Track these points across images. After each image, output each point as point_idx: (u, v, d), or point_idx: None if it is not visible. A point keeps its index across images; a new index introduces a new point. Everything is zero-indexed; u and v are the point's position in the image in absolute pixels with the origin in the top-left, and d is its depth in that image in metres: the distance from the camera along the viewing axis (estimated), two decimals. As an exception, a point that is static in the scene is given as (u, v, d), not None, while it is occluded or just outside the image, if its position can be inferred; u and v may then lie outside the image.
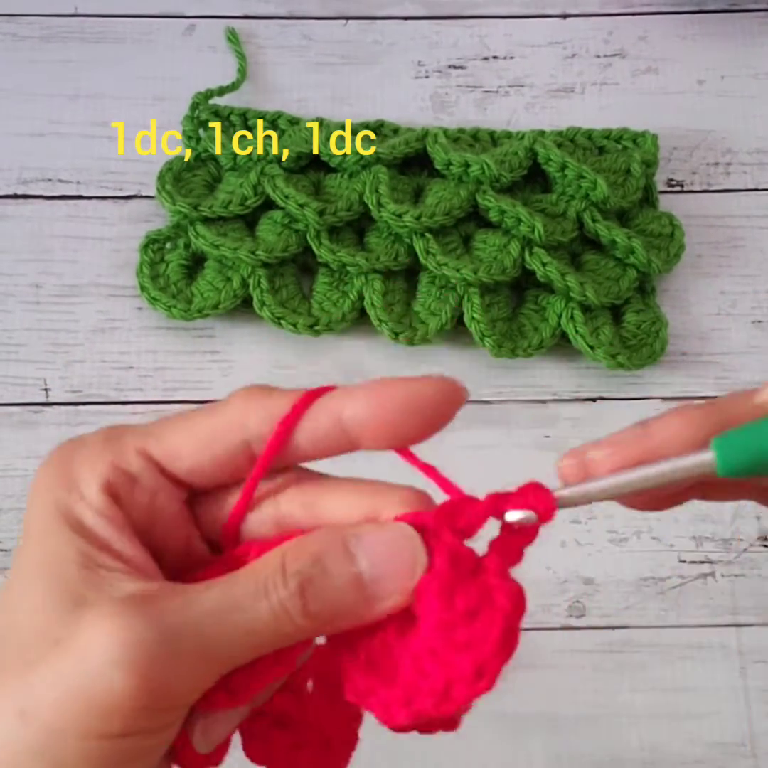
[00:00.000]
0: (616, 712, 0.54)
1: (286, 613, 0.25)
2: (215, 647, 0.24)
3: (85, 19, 0.70)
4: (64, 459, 0.27)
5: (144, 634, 0.24)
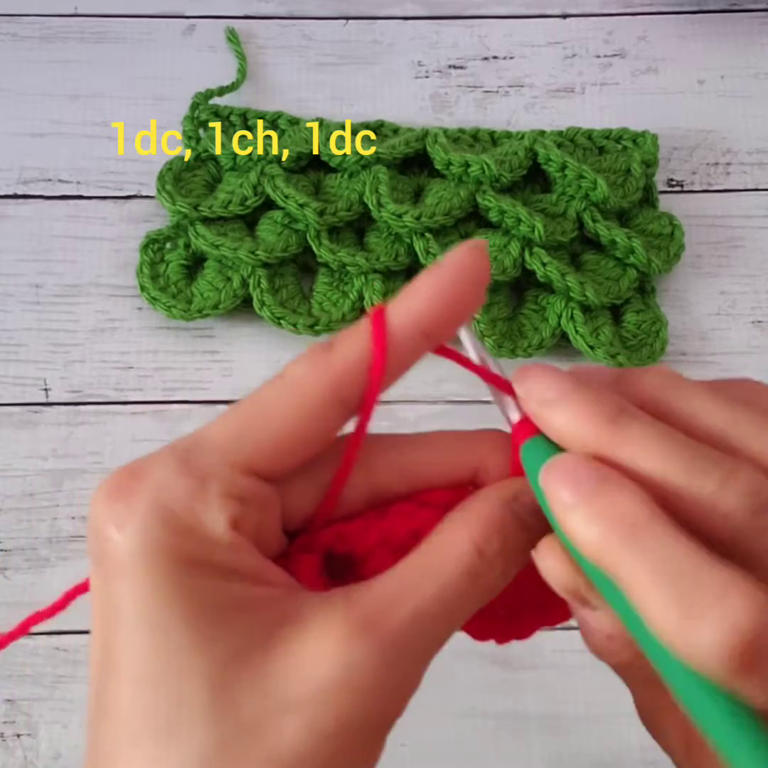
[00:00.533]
0: (616, 712, 0.54)
1: (491, 593, 0.26)
2: (435, 642, 0.25)
3: (85, 19, 0.71)
4: (155, 491, 0.24)
5: (383, 666, 0.23)
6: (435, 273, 0.26)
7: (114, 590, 0.23)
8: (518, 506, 0.26)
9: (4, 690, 0.54)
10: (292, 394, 0.25)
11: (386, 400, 0.65)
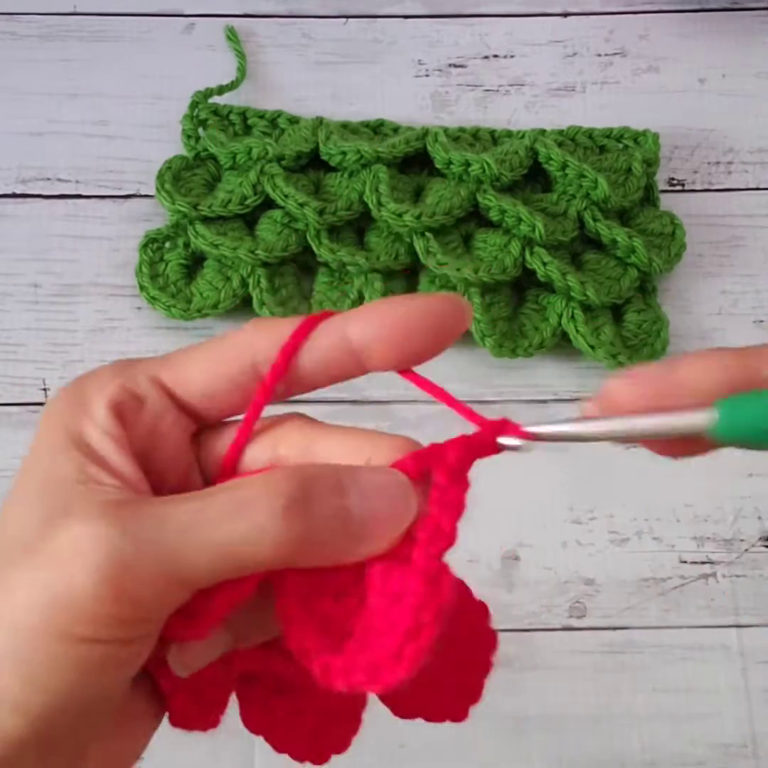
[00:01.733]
0: (616, 713, 0.54)
1: (263, 535, 0.24)
2: (185, 562, 0.24)
3: (84, 18, 0.70)
4: (76, 384, 0.28)
5: (116, 540, 0.23)
6: (398, 304, 0.27)
7: (31, 449, 0.28)
8: (348, 477, 0.25)
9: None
10: (225, 343, 0.28)
11: (386, 400, 0.65)
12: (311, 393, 0.30)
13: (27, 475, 0.27)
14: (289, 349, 0.27)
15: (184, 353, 0.28)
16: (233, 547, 0.24)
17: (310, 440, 0.28)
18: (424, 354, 0.27)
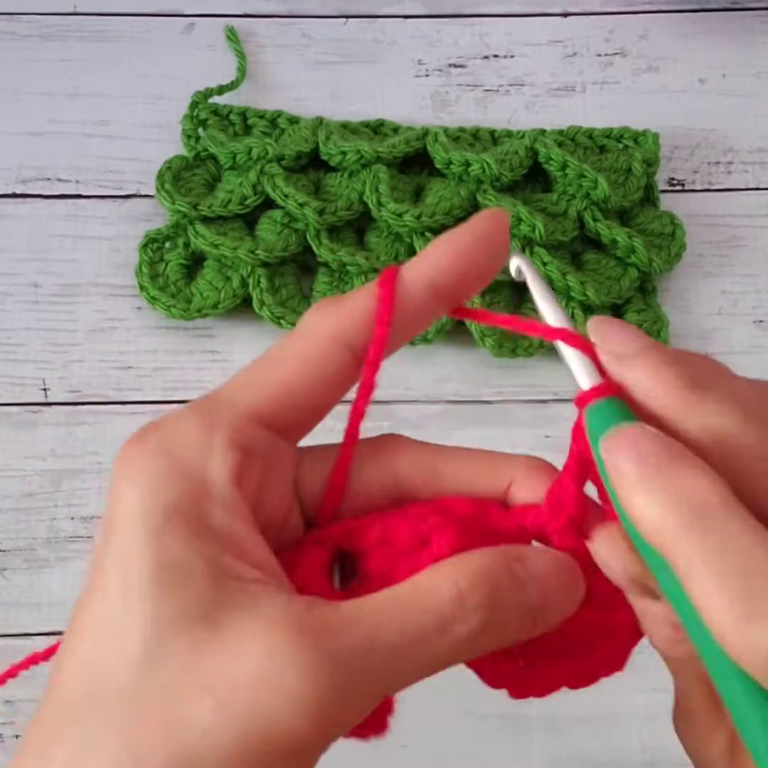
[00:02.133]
0: (617, 713, 0.54)
1: (464, 646, 0.23)
2: (394, 684, 0.23)
3: (84, 18, 0.70)
4: (166, 442, 0.23)
5: (324, 673, 0.21)
6: (450, 236, 0.26)
7: (111, 526, 0.23)
8: (520, 568, 0.24)
9: (3, 691, 0.53)
10: (298, 339, 0.25)
11: (386, 400, 0.65)
12: None
13: (120, 568, 0.22)
14: (386, 317, 0.25)
15: (265, 372, 0.25)
16: (439, 662, 0.23)
17: (429, 462, 0.27)
18: (492, 271, 0.26)
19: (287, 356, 0.25)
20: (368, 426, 0.27)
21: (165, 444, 0.23)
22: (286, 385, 0.25)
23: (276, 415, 0.24)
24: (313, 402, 0.25)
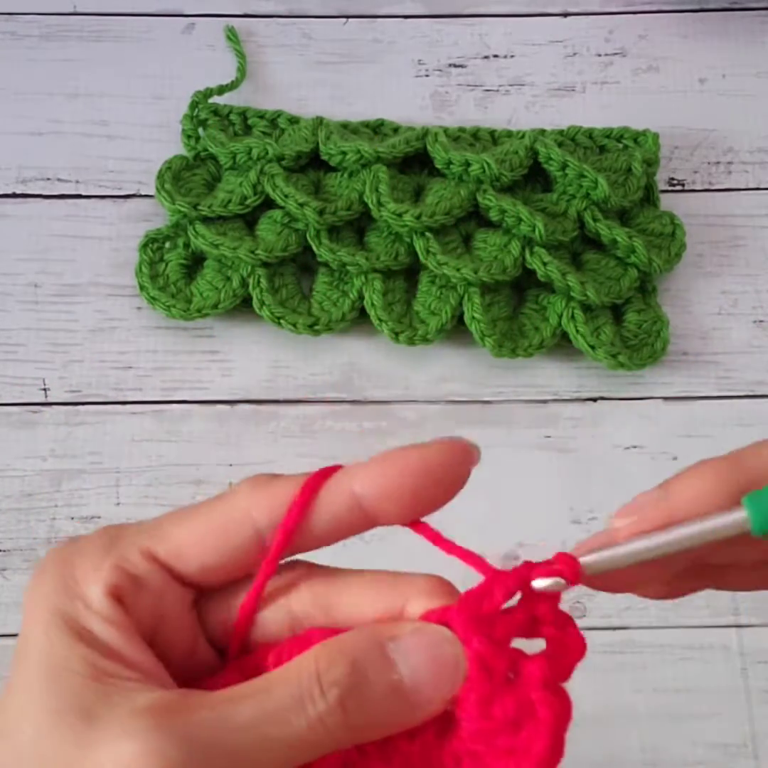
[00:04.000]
0: (616, 713, 0.54)
1: (324, 726, 0.23)
2: (249, 764, 0.23)
3: (84, 18, 0.70)
4: (63, 563, 0.26)
5: (171, 753, 0.22)
6: (403, 457, 0.26)
7: (20, 637, 0.26)
8: (392, 646, 0.24)
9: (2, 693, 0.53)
10: (221, 505, 0.26)
11: (386, 400, 0.65)
12: (311, 394, 0.30)
13: (25, 672, 0.24)
14: (294, 517, 0.26)
15: (177, 522, 0.26)
16: (300, 741, 0.23)
17: (325, 594, 0.27)
18: (434, 503, 0.26)
19: (204, 518, 0.26)
20: (368, 426, 0.28)
21: (66, 561, 0.26)
22: (191, 542, 0.26)
23: (173, 562, 0.26)
24: (211, 566, 0.26)
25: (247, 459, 0.58)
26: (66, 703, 0.23)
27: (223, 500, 0.27)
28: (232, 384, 0.61)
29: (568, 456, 0.57)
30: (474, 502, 0.34)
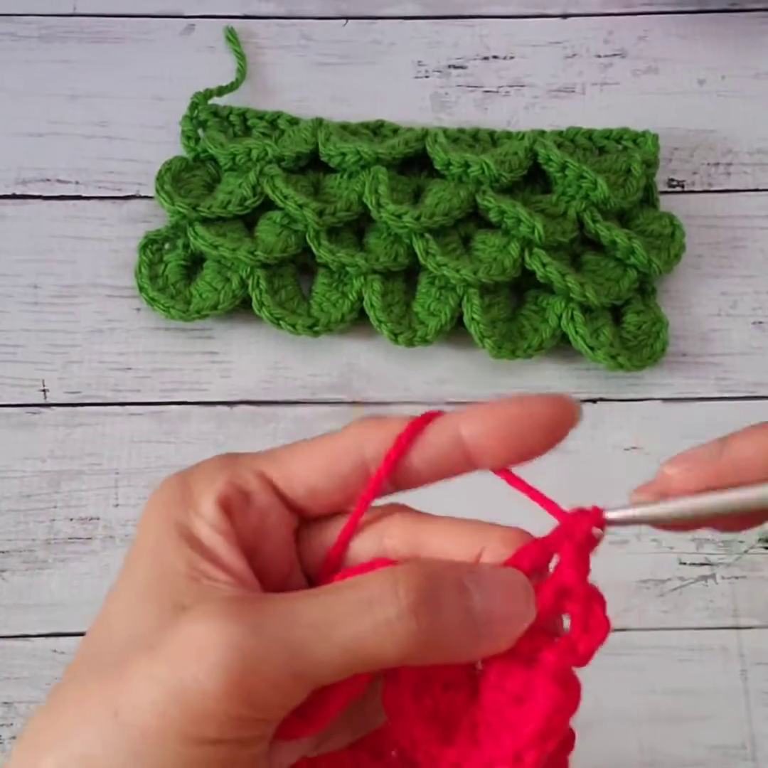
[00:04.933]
0: (615, 715, 0.54)
1: (391, 632, 0.23)
2: (314, 661, 0.23)
3: (83, 19, 0.70)
4: (182, 478, 0.28)
5: (242, 638, 0.23)
6: (510, 405, 0.27)
7: (134, 540, 0.28)
8: (469, 577, 0.25)
9: (1, 692, 0.53)
10: (334, 440, 0.28)
11: (386, 401, 0.65)
12: (311, 395, 0.31)
13: (133, 568, 0.27)
14: (401, 448, 0.27)
15: (291, 450, 0.28)
16: (361, 645, 0.23)
17: (416, 533, 0.28)
18: (534, 452, 0.27)
19: (317, 447, 0.28)
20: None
21: (185, 476, 0.28)
22: (302, 466, 0.28)
23: (283, 485, 0.28)
24: (318, 491, 0.28)
25: (246, 460, 0.58)
26: (163, 595, 0.25)
27: (334, 434, 0.28)
28: (231, 385, 0.60)
29: (567, 457, 0.57)
30: (473, 502, 0.34)
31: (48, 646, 0.54)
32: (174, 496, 0.27)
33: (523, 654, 0.25)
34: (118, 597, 0.26)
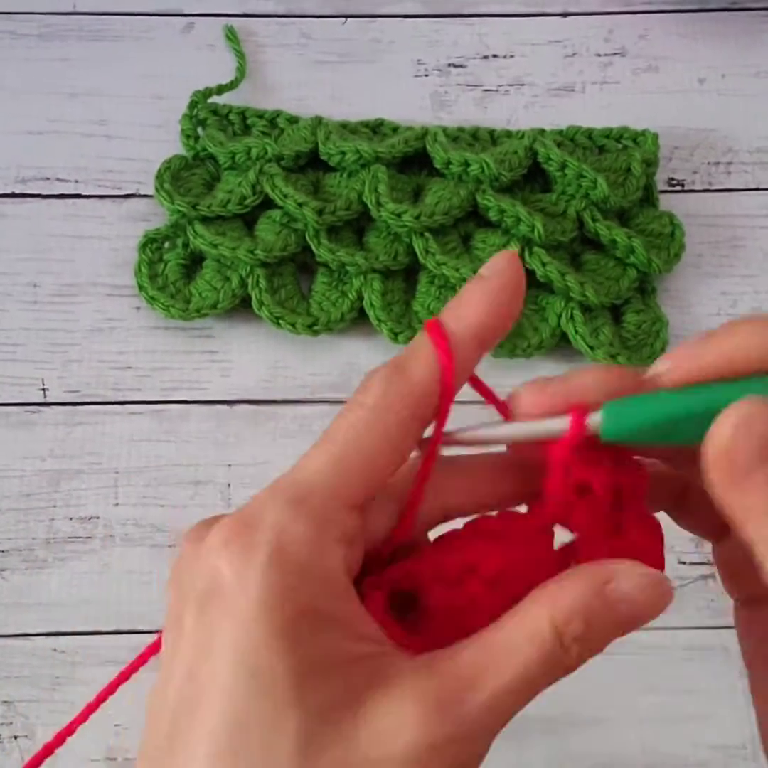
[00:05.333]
0: (616, 715, 0.54)
1: (565, 674, 0.26)
2: (495, 731, 0.26)
3: (83, 17, 0.70)
4: (278, 544, 0.24)
5: (446, 743, 0.24)
6: (482, 283, 0.27)
7: (221, 630, 0.24)
8: (610, 589, 0.25)
9: (1, 691, 0.53)
10: (380, 420, 0.26)
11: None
12: (310, 394, 0.31)
13: (249, 671, 0.23)
14: (450, 394, 0.28)
15: (348, 449, 0.26)
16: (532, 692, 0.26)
17: (472, 480, 0.29)
18: (517, 314, 0.28)
19: (375, 443, 0.26)
20: None
21: (276, 543, 0.24)
22: (376, 473, 0.26)
23: (367, 499, 0.26)
24: (388, 478, 0.27)
25: (245, 459, 0.58)
26: (326, 699, 0.23)
27: (380, 411, 0.27)
28: (230, 384, 0.60)
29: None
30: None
31: (48, 645, 0.54)
32: (285, 571, 0.24)
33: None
34: (247, 701, 0.23)
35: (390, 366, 0.27)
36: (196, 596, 0.25)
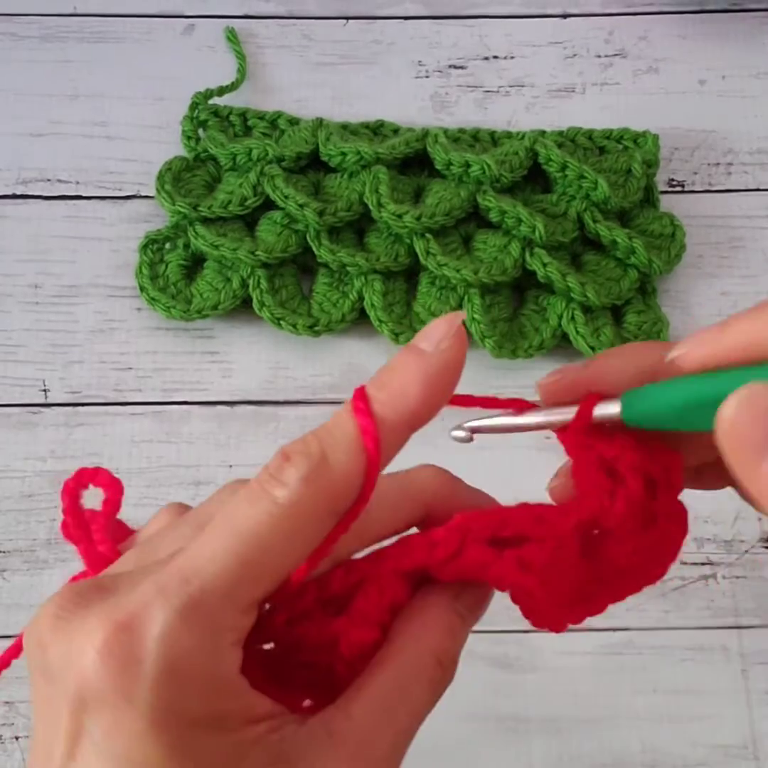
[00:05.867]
0: (616, 715, 0.54)
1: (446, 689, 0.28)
2: None
3: (84, 19, 0.70)
4: (169, 658, 0.23)
5: None
6: (419, 361, 0.26)
7: (107, 745, 0.23)
8: (460, 606, 0.27)
9: (2, 692, 0.53)
10: (293, 521, 0.24)
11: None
12: (311, 395, 0.31)
13: None
14: (370, 488, 0.26)
15: (248, 560, 0.24)
16: None
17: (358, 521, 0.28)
18: (454, 386, 0.28)
19: (281, 544, 0.24)
20: None
21: (165, 657, 0.23)
22: (280, 569, 0.24)
23: (266, 596, 0.25)
24: (295, 570, 0.26)
25: (246, 460, 0.58)
26: None
27: (283, 511, 0.25)
28: (231, 385, 0.60)
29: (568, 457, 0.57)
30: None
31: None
32: (172, 698, 0.23)
33: None
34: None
35: (310, 455, 0.25)
36: (70, 700, 0.23)
